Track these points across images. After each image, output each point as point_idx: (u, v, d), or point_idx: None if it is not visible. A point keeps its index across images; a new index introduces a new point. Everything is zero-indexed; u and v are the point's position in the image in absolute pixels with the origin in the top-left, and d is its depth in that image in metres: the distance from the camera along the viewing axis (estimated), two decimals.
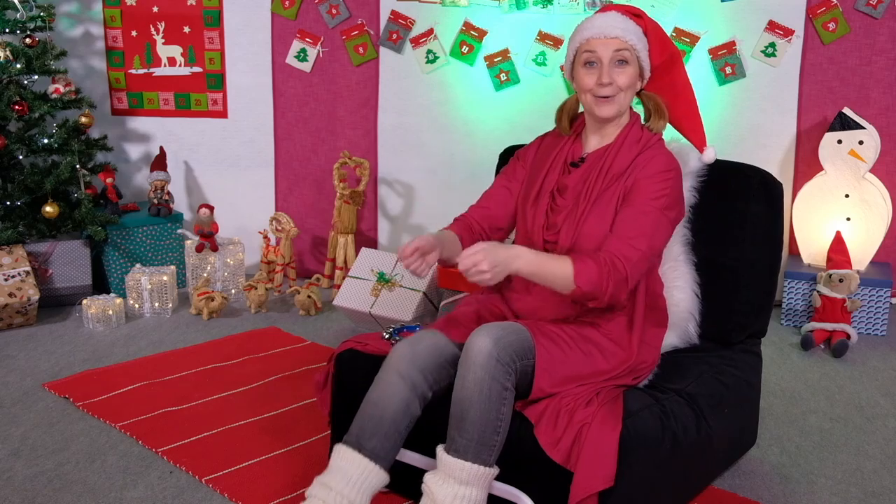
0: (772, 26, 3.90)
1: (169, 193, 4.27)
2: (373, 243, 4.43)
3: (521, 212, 2.29)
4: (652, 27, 2.20)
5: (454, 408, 1.98)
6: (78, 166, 3.95)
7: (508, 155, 2.66)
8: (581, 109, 2.30)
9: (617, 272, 2.04)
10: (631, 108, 2.25)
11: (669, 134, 2.53)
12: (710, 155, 2.36)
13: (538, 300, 2.22)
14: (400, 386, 2.05)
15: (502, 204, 2.34)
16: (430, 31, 4.18)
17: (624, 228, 2.10)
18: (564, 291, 2.05)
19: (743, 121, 4.01)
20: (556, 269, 2.02)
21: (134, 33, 4.41)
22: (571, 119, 2.33)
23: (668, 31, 3.97)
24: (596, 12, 2.22)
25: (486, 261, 1.92)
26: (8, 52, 3.87)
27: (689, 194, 2.42)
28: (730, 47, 3.95)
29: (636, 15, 2.19)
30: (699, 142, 2.33)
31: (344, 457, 2.02)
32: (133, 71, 4.45)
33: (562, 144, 2.30)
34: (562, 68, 2.25)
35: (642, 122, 2.27)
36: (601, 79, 2.12)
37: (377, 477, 2.02)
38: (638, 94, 2.25)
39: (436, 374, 2.09)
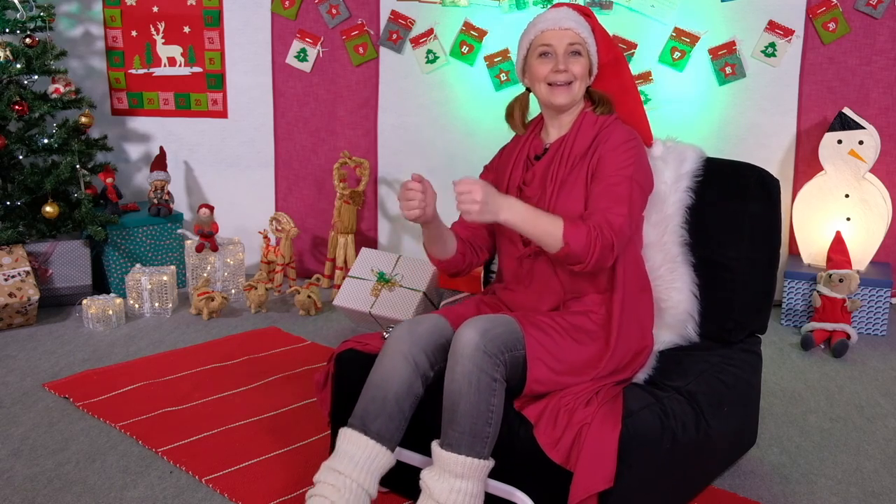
0: (772, 26, 3.90)
1: (169, 193, 4.27)
2: (373, 243, 4.43)
3: None
4: (598, 27, 2.30)
5: (445, 401, 2.01)
6: (78, 166, 3.95)
7: None
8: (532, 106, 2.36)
9: (604, 237, 2.08)
10: (584, 97, 2.30)
11: (665, 133, 2.54)
12: (655, 151, 2.43)
13: (528, 294, 2.26)
14: (402, 366, 2.07)
15: None
16: (430, 31, 4.18)
17: (601, 200, 2.14)
18: (551, 250, 2.09)
19: (743, 121, 4.01)
20: (547, 226, 2.06)
21: (134, 33, 4.41)
22: (523, 114, 2.37)
23: (668, 32, 3.98)
24: (549, 8, 2.29)
25: (481, 192, 1.97)
26: (8, 52, 3.87)
27: (685, 195, 2.43)
28: (730, 47, 3.95)
29: (585, 14, 2.27)
30: (646, 138, 2.39)
31: (350, 440, 2.04)
32: (133, 71, 4.45)
33: (521, 144, 2.35)
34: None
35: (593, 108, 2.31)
36: (557, 66, 2.19)
37: (384, 458, 2.04)
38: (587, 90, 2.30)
39: (437, 354, 2.12)
